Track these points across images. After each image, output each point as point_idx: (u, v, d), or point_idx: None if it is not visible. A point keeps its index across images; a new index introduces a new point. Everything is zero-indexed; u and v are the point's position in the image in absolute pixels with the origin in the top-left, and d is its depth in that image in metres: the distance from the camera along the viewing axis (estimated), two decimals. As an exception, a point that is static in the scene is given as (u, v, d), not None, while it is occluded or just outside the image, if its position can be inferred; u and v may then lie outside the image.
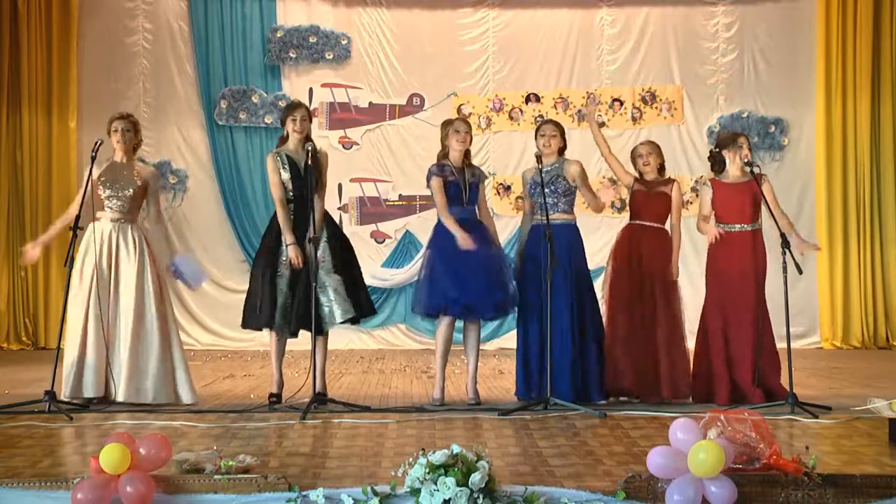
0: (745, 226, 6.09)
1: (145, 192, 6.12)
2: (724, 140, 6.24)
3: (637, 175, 6.35)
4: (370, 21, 10.83)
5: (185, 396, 5.97)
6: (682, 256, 6.35)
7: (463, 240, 5.83)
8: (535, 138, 6.21)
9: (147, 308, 5.94)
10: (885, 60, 10.63)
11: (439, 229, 6.06)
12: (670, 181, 6.30)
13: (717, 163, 6.21)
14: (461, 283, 5.85)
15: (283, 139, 6.09)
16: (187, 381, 6.01)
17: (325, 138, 10.28)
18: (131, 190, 6.03)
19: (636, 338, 6.05)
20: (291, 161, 5.96)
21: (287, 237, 5.86)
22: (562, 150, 6.20)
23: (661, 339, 6.06)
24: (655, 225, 6.24)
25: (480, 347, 6.24)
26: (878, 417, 4.97)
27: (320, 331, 5.85)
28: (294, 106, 6.10)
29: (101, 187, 6.04)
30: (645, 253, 6.17)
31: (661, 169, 6.33)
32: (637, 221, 6.28)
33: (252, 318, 5.97)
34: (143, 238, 6.08)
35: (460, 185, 6.01)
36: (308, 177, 5.88)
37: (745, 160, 6.05)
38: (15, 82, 10.36)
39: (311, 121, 6.12)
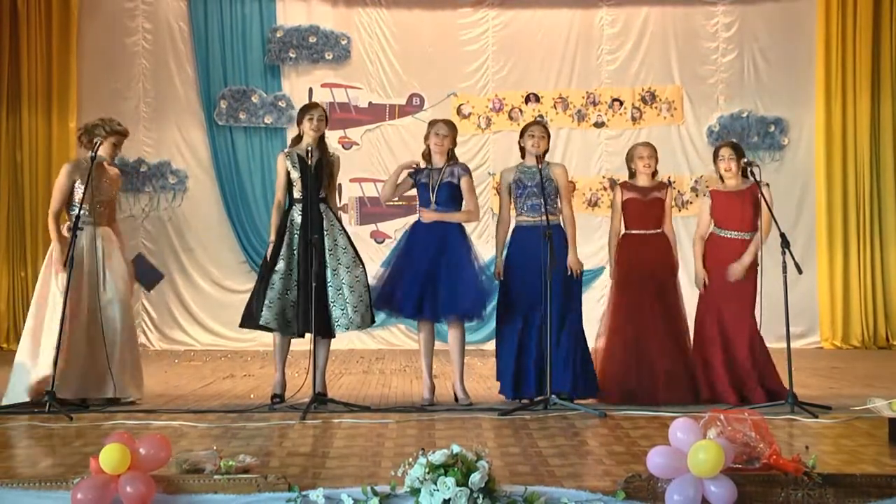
0: (743, 234, 6.10)
1: (116, 193, 6.29)
2: (713, 154, 6.33)
3: (631, 174, 6.38)
4: (370, 21, 10.84)
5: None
6: (681, 256, 6.34)
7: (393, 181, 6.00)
8: (523, 137, 6.12)
9: (128, 306, 6.08)
10: (885, 60, 10.63)
11: (408, 229, 6.10)
12: (664, 185, 6.29)
13: (718, 174, 6.33)
14: (412, 284, 5.84)
15: (297, 139, 6.12)
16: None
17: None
18: (111, 194, 6.17)
19: (644, 346, 6.02)
20: (302, 160, 5.97)
21: (270, 236, 6.00)
22: (546, 152, 6.17)
23: (668, 344, 6.04)
24: (653, 232, 6.23)
25: (481, 348, 6.23)
26: (877, 417, 4.97)
27: (331, 333, 5.88)
28: (311, 105, 6.15)
29: (84, 192, 6.00)
30: (646, 261, 6.14)
31: (655, 172, 6.34)
32: (633, 231, 6.25)
33: (247, 318, 6.00)
34: (120, 238, 6.20)
35: (428, 187, 5.99)
36: (316, 176, 5.91)
37: (745, 162, 6.06)
38: (15, 82, 10.35)
39: (327, 122, 6.14)
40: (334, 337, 5.97)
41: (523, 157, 6.18)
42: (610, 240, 6.35)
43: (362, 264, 6.00)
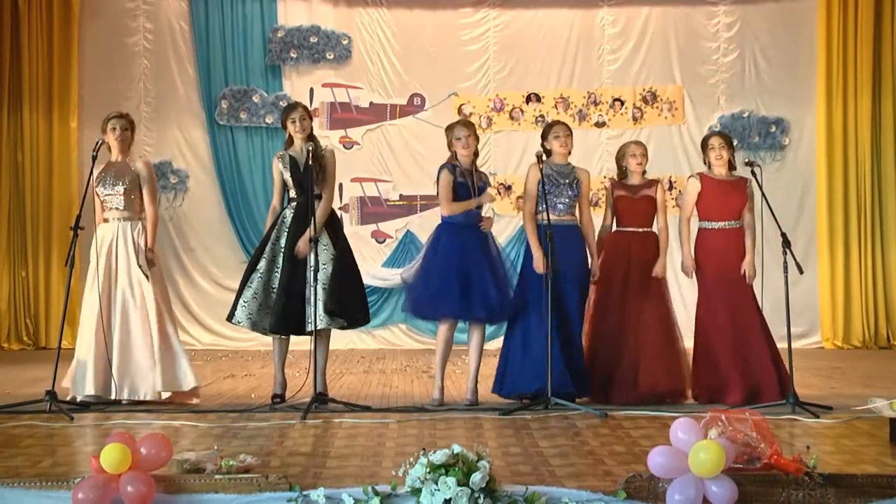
0: (732, 223, 6.12)
1: (139, 185, 6.11)
2: (702, 144, 6.37)
3: (622, 173, 6.39)
4: (371, 21, 10.83)
5: (188, 382, 6.00)
6: (669, 253, 6.33)
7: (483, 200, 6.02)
8: (548, 139, 6.18)
9: (149, 307, 5.97)
10: (886, 60, 10.62)
11: (440, 231, 6.07)
12: (654, 183, 6.29)
13: (705, 164, 6.35)
14: (459, 285, 5.84)
15: (290, 141, 6.12)
16: (188, 368, 6.07)
17: (326, 138, 10.27)
18: (122, 185, 6.03)
19: (628, 343, 6.02)
20: (293, 161, 5.98)
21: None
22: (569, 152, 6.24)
23: (654, 342, 6.04)
24: (642, 230, 6.23)
25: (484, 347, 6.21)
26: (878, 417, 4.97)
27: (301, 331, 5.87)
28: (292, 107, 6.15)
29: (98, 187, 6.06)
30: (633, 259, 6.15)
31: (645, 172, 6.36)
32: (623, 228, 6.25)
33: (230, 312, 6.01)
34: (145, 233, 6.10)
35: (469, 188, 6.01)
36: (308, 176, 5.89)
37: (746, 160, 6.07)
38: (16, 82, 10.36)
39: (311, 119, 6.14)
40: (303, 334, 5.90)
41: (546, 157, 6.14)
42: (598, 236, 6.30)
43: (334, 262, 5.88)
